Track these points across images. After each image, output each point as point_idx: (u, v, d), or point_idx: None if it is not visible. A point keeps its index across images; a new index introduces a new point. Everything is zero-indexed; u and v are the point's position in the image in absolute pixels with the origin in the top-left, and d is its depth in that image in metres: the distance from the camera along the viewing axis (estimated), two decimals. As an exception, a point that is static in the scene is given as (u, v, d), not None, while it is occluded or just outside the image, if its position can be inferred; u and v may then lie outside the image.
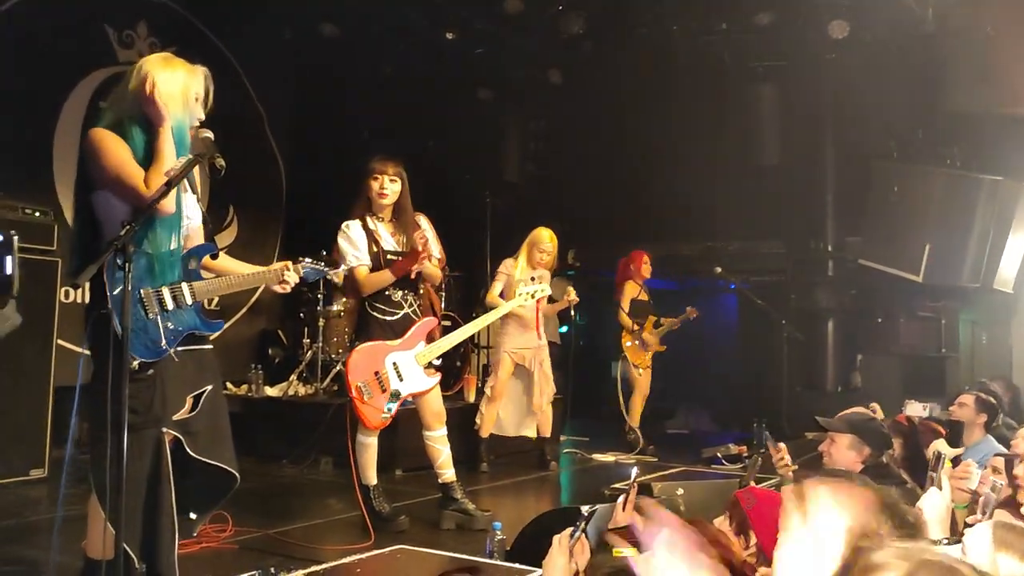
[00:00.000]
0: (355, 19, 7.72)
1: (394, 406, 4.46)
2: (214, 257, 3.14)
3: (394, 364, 4.48)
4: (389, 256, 4.57)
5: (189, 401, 3.00)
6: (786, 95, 8.43)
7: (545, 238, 6.48)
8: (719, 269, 8.02)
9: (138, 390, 2.80)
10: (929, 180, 7.50)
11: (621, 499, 2.54)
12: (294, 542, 4.14)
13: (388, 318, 4.55)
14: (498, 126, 9.55)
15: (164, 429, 2.91)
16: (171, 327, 2.94)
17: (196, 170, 3.00)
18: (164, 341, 2.91)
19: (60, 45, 6.62)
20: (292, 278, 3.23)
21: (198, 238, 3.14)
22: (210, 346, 3.14)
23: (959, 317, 8.06)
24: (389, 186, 4.56)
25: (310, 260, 3.38)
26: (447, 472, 4.72)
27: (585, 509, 2.53)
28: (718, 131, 8.38)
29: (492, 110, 9.21)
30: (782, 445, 3.68)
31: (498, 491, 5.89)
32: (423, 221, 4.71)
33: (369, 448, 4.59)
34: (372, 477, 4.61)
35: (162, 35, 7.35)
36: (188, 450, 2.95)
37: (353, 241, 4.54)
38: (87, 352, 2.91)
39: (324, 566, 3.40)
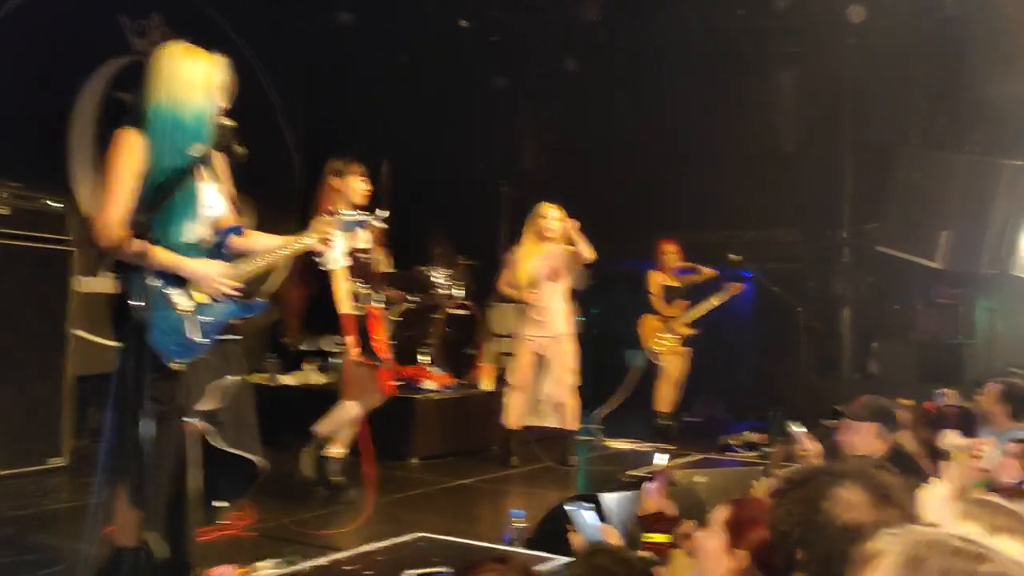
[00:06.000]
0: (369, 7, 7.69)
1: None
2: (240, 235, 3.10)
3: None
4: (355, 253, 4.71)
5: (215, 392, 2.99)
6: (804, 81, 8.34)
7: (543, 208, 6.16)
8: (736, 257, 7.94)
9: (159, 381, 2.76)
10: (949, 166, 7.40)
11: (649, 485, 2.53)
12: (312, 531, 4.17)
13: None
14: (513, 115, 9.50)
15: (189, 419, 2.90)
16: (208, 320, 2.92)
17: (220, 160, 2.98)
18: (200, 335, 2.88)
19: (75, 35, 6.62)
20: (333, 231, 3.23)
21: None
22: (238, 336, 3.13)
23: (977, 304, 7.97)
24: (363, 186, 4.80)
25: (344, 211, 3.42)
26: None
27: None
28: (735, 118, 8.29)
29: (507, 99, 9.16)
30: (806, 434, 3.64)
31: (518, 479, 5.89)
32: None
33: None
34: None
35: (176, 24, 7.34)
36: (213, 441, 2.95)
37: None
38: (117, 344, 2.90)
39: (345, 554, 3.39)
